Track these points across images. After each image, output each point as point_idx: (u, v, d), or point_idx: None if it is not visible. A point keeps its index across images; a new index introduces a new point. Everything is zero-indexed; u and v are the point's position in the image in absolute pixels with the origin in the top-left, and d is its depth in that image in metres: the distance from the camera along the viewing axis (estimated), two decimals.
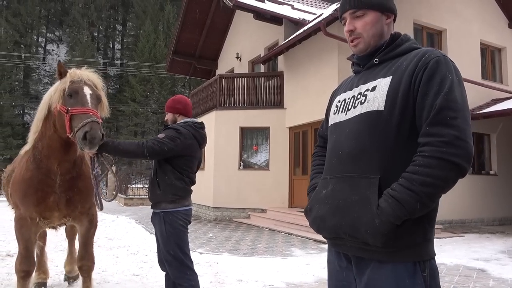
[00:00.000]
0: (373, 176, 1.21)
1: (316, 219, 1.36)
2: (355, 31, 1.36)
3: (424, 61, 1.20)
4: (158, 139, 2.59)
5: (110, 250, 6.14)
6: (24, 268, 2.89)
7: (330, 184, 1.33)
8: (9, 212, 11.21)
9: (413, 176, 1.12)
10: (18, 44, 38.63)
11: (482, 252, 6.31)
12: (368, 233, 1.16)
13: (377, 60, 1.35)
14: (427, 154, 1.12)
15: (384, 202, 1.15)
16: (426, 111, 1.16)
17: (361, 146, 1.25)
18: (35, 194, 2.75)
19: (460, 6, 10.65)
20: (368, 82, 1.32)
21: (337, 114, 1.41)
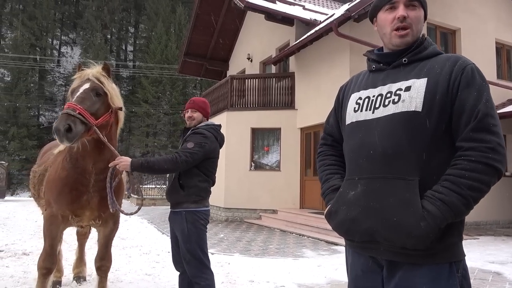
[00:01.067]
0: (412, 178, 1.18)
1: (344, 221, 1.30)
2: (408, 18, 1.31)
3: (459, 67, 1.22)
4: (189, 151, 2.64)
5: (123, 249, 6.21)
6: (47, 265, 2.94)
7: (360, 185, 1.28)
8: (25, 212, 11.43)
9: (461, 180, 1.13)
10: (33, 46, 39.33)
11: (497, 255, 6.19)
12: (412, 236, 1.13)
13: (406, 60, 1.32)
14: (474, 159, 1.13)
15: (430, 205, 1.14)
16: (467, 115, 1.17)
17: (397, 146, 1.22)
18: (70, 193, 2.81)
19: (475, 4, 10.48)
20: (399, 81, 1.29)
21: (360, 112, 1.35)
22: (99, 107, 2.58)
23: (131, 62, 47.17)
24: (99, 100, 2.60)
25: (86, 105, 2.48)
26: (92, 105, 2.53)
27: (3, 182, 22.51)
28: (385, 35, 1.38)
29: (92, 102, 2.54)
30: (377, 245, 1.23)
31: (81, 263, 4.22)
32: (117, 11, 45.18)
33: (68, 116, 2.34)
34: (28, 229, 8.36)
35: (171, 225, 2.87)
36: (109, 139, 2.75)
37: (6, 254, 5.64)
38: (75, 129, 2.33)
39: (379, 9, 1.40)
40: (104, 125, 2.65)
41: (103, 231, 3.18)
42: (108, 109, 2.67)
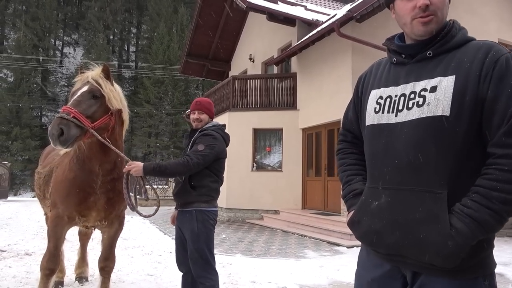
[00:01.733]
0: (440, 191, 1.08)
1: (368, 233, 1.22)
2: (430, 5, 1.15)
3: (491, 59, 1.08)
4: (200, 153, 2.67)
5: (125, 250, 6.22)
6: (50, 266, 2.95)
7: (384, 196, 1.18)
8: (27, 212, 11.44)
9: (493, 193, 1.02)
10: (36, 47, 39.46)
11: (500, 256, 6.16)
12: (439, 255, 1.05)
13: (431, 53, 1.17)
14: (507, 168, 1.01)
15: (459, 222, 1.04)
16: (498, 117, 1.04)
17: (425, 156, 1.10)
18: (77, 194, 2.82)
19: (477, 5, 10.45)
20: (423, 80, 1.15)
21: (381, 113, 1.23)
22: (96, 109, 2.57)
23: (133, 62, 47.27)
24: (96, 102, 2.59)
25: (81, 108, 2.48)
26: (88, 108, 2.53)
27: (5, 182, 22.60)
28: (405, 25, 1.23)
29: (88, 104, 2.54)
30: (404, 258, 1.15)
31: (83, 263, 4.22)
32: (120, 12, 45.29)
33: (62, 120, 2.36)
34: (30, 230, 8.38)
35: (178, 225, 2.87)
36: (113, 141, 2.76)
37: (8, 254, 5.66)
38: (67, 133, 2.35)
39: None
40: (103, 127, 2.64)
41: (108, 232, 3.19)
42: (107, 111, 2.66)
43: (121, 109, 2.82)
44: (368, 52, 8.42)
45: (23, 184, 34.34)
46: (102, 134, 2.63)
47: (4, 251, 5.83)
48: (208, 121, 2.96)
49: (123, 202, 3.08)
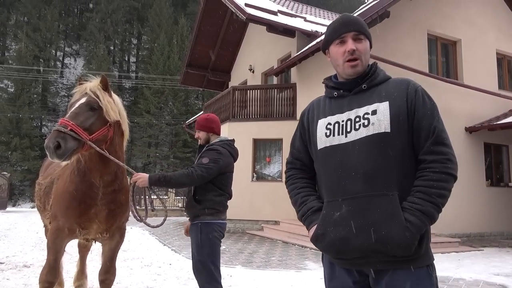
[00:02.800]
0: (392, 193, 1.32)
1: (334, 242, 1.37)
2: (356, 51, 1.46)
3: (412, 89, 1.41)
4: (204, 166, 2.76)
5: (124, 261, 6.17)
6: (50, 279, 2.90)
7: (344, 206, 1.36)
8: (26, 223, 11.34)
9: (431, 190, 1.30)
10: (37, 58, 39.71)
11: (502, 267, 6.12)
12: (400, 246, 1.27)
13: (366, 86, 1.47)
14: (437, 170, 1.32)
15: (411, 216, 1.29)
16: (425, 132, 1.36)
17: (376, 165, 1.34)
18: (79, 207, 2.80)
19: (475, 15, 10.56)
20: (364, 106, 1.42)
21: (332, 137, 1.45)
22: (93, 121, 2.57)
23: (133, 73, 47.53)
24: (93, 114, 2.59)
25: (78, 121, 2.48)
26: (86, 120, 2.53)
27: (4, 193, 22.51)
28: (338, 66, 1.52)
29: (86, 117, 2.54)
30: (367, 259, 1.34)
31: (82, 275, 4.18)
32: (120, 23, 45.70)
33: (59, 133, 2.35)
34: (29, 241, 8.32)
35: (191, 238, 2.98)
36: (113, 152, 2.75)
37: (7, 266, 5.61)
38: (64, 146, 2.34)
39: (330, 43, 1.54)
40: (101, 139, 2.63)
41: (109, 244, 3.16)
42: (105, 123, 2.65)
43: (119, 120, 2.82)
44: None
45: (22, 194, 34.21)
46: (101, 145, 2.62)
47: (2, 263, 5.78)
48: (208, 136, 3.07)
49: (124, 214, 3.06)
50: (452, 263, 6.43)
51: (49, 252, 2.95)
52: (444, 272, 5.64)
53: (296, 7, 14.85)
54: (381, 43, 8.96)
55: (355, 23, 1.49)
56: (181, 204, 18.87)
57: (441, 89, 9.50)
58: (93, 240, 3.26)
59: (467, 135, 9.77)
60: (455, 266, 6.15)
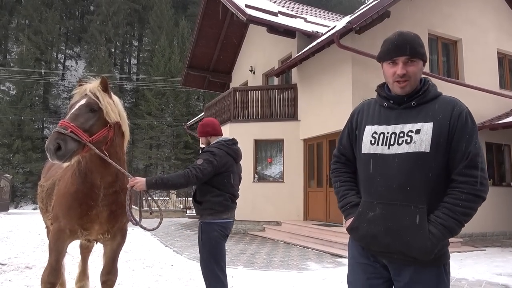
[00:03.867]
0: (422, 206, 1.49)
1: (366, 237, 1.60)
2: (406, 74, 1.56)
3: (457, 112, 1.53)
4: (198, 167, 2.86)
5: (126, 262, 6.17)
6: (51, 280, 2.91)
7: (378, 208, 1.56)
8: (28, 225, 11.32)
9: (456, 208, 1.46)
10: (38, 61, 39.83)
11: (505, 267, 6.10)
12: (421, 252, 1.47)
13: (415, 103, 1.58)
14: (465, 191, 1.46)
15: (434, 228, 1.47)
16: (460, 154, 1.49)
17: (411, 180, 1.50)
18: (80, 208, 2.81)
19: (475, 15, 10.55)
20: (409, 123, 1.56)
21: (376, 145, 1.61)
22: (93, 123, 2.58)
23: (134, 75, 47.62)
24: (94, 116, 2.59)
25: (79, 122, 2.48)
26: (86, 122, 2.53)
27: (7, 195, 22.55)
28: (388, 82, 1.65)
29: (86, 118, 2.54)
30: (391, 255, 1.55)
31: (84, 276, 4.18)
32: (121, 25, 45.80)
33: (59, 134, 2.36)
34: (31, 242, 8.33)
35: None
36: (113, 153, 2.75)
37: (9, 267, 5.61)
38: (65, 148, 2.35)
39: (383, 61, 1.66)
40: (102, 140, 2.64)
41: (111, 245, 3.16)
42: (106, 124, 2.66)
43: (119, 122, 2.82)
44: (367, 63, 8.48)
45: (24, 196, 34.27)
46: (101, 147, 2.63)
47: (4, 265, 5.79)
48: (208, 140, 3.21)
49: (125, 215, 3.07)
50: (454, 263, 6.41)
51: (50, 253, 2.95)
52: None
53: (297, 8, 14.86)
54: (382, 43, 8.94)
55: (408, 47, 1.57)
56: (183, 205, 18.88)
57: (442, 88, 9.36)
58: (95, 241, 3.26)
59: None
60: (457, 266, 6.13)
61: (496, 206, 9.80)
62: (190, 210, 17.20)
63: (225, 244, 3.16)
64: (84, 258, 4.22)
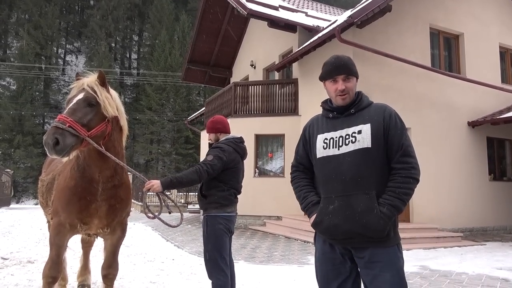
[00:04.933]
0: (371, 192, 1.79)
1: (329, 227, 1.85)
2: (345, 89, 1.91)
3: (387, 114, 1.87)
4: (209, 163, 2.97)
5: (127, 257, 6.19)
6: (53, 274, 2.93)
7: (336, 201, 1.83)
8: (30, 219, 11.35)
9: (398, 189, 1.78)
10: (39, 55, 39.76)
11: (505, 261, 6.11)
12: (376, 230, 1.75)
13: (353, 111, 1.91)
14: (404, 175, 1.79)
15: (383, 208, 1.76)
16: (396, 146, 1.82)
17: (360, 172, 1.80)
18: (79, 202, 2.81)
19: (478, 9, 10.48)
20: (352, 127, 1.87)
21: (328, 149, 1.90)
22: (91, 117, 2.57)
23: (135, 70, 47.53)
24: (91, 110, 2.58)
25: (77, 117, 2.47)
26: (84, 116, 2.52)
27: (8, 190, 22.61)
28: (331, 97, 1.99)
29: (84, 113, 2.53)
30: (352, 240, 1.81)
31: (85, 271, 4.21)
32: (121, 20, 45.63)
33: (57, 129, 2.35)
34: (33, 237, 8.37)
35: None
36: (111, 147, 2.75)
37: (11, 262, 5.64)
38: (63, 143, 2.34)
39: (325, 80, 1.99)
40: (100, 135, 2.63)
41: (111, 239, 3.17)
42: (104, 119, 2.65)
43: (117, 116, 2.81)
44: (369, 57, 8.45)
45: (26, 191, 34.40)
46: (99, 141, 2.62)
47: (6, 259, 5.82)
48: (217, 137, 3.33)
49: (125, 209, 3.08)
50: (455, 257, 6.43)
51: (51, 247, 2.97)
52: (446, 266, 5.65)
53: (297, 2, 14.77)
54: (383, 38, 8.92)
55: (345, 68, 1.92)
56: (184, 200, 18.94)
57: (444, 83, 9.46)
58: (95, 235, 3.27)
59: (470, 130, 9.73)
60: (458, 260, 6.15)
61: (497, 200, 9.80)
62: (191, 205, 17.25)
63: (231, 238, 3.24)
64: (85, 253, 4.24)
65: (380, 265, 1.77)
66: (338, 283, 1.88)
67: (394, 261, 1.79)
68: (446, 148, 9.23)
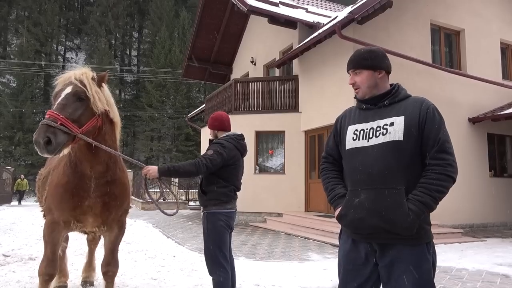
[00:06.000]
0: (400, 187, 1.69)
1: (353, 221, 1.78)
2: (355, 83, 1.90)
3: (425, 107, 1.76)
4: (209, 157, 2.96)
5: (129, 254, 6.21)
6: (49, 271, 2.90)
7: (362, 194, 1.76)
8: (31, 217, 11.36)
9: (431, 186, 1.67)
10: (38, 53, 39.70)
11: (505, 257, 6.12)
12: (403, 227, 1.65)
13: (387, 102, 1.84)
14: (438, 171, 1.67)
15: (412, 205, 1.66)
16: (432, 141, 1.71)
17: (388, 166, 1.72)
18: (72, 199, 2.77)
19: (479, 5, 10.44)
20: (384, 119, 1.79)
21: (357, 141, 1.84)
22: (82, 112, 2.48)
23: (135, 66, 47.45)
24: (82, 105, 2.49)
25: (67, 113, 2.39)
26: (74, 112, 2.44)
27: (9, 187, 22.65)
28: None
29: (74, 108, 2.44)
30: (378, 235, 1.73)
31: (89, 268, 4.22)
32: (121, 17, 45.51)
33: (48, 127, 2.27)
34: (34, 234, 8.39)
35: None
36: (102, 141, 2.68)
37: (12, 259, 5.66)
38: (55, 141, 2.28)
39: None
40: (91, 130, 2.57)
41: (109, 237, 3.16)
42: (95, 113, 2.58)
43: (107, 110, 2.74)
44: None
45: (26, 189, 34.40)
46: (90, 136, 2.56)
47: (8, 256, 5.83)
48: (216, 133, 3.33)
49: (120, 206, 3.05)
50: (455, 253, 6.45)
51: (46, 245, 2.93)
52: (447, 262, 5.66)
53: None
54: (384, 34, 8.89)
55: (353, 62, 1.92)
56: (184, 197, 18.95)
57: (445, 79, 9.44)
58: (92, 233, 3.27)
59: (471, 126, 9.72)
60: (458, 256, 6.16)
61: (497, 197, 9.81)
62: (191, 202, 17.28)
63: (230, 235, 3.24)
64: (91, 250, 4.26)
65: (403, 266, 1.67)
66: (356, 284, 1.82)
67: (421, 262, 1.68)
68: None
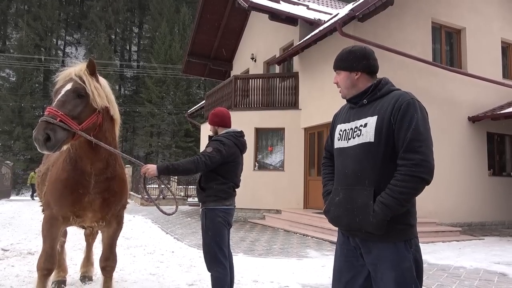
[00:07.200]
0: (369, 188, 1.72)
1: (334, 218, 1.88)
2: (338, 83, 1.96)
3: (398, 104, 1.70)
4: (208, 154, 2.95)
5: (127, 249, 6.23)
6: (48, 266, 2.91)
7: (341, 193, 1.84)
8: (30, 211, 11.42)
9: (394, 187, 1.64)
10: (38, 47, 39.54)
11: (503, 256, 6.15)
12: (370, 227, 1.68)
13: (366, 101, 1.83)
14: (403, 172, 1.64)
15: (376, 206, 1.67)
16: (401, 141, 1.67)
17: (361, 167, 1.75)
18: (71, 195, 2.77)
19: (480, 4, 10.42)
20: (361, 119, 1.80)
21: (340, 141, 1.89)
22: (82, 109, 2.47)
23: (135, 62, 47.31)
24: (81, 102, 2.48)
25: (67, 110, 2.38)
26: (74, 109, 2.43)
27: (8, 181, 22.65)
28: None
29: (74, 104, 2.44)
30: (354, 232, 1.79)
31: (88, 262, 4.23)
32: (122, 12, 45.33)
33: (47, 124, 2.27)
34: (33, 229, 8.41)
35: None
36: (103, 138, 2.67)
37: (11, 253, 5.67)
38: (54, 138, 2.27)
39: None
40: (91, 127, 2.56)
41: (107, 232, 3.17)
42: (94, 110, 2.56)
43: (108, 106, 2.73)
44: None
45: (25, 183, 34.43)
46: (90, 133, 2.56)
47: (7, 250, 5.85)
48: (216, 129, 3.34)
49: (119, 202, 3.06)
50: (453, 251, 6.47)
51: (45, 240, 2.94)
52: (444, 260, 5.68)
53: None
54: (385, 32, 8.87)
55: (334, 62, 1.97)
56: (183, 193, 18.97)
57: (445, 78, 9.43)
58: (90, 228, 3.27)
59: (470, 125, 9.73)
60: (456, 254, 6.18)
61: (496, 195, 9.83)
62: (190, 198, 17.30)
63: (229, 231, 3.24)
64: (89, 245, 4.26)
65: (384, 265, 1.68)
66: (350, 277, 1.84)
67: (399, 260, 1.66)
68: (446, 143, 9.22)
